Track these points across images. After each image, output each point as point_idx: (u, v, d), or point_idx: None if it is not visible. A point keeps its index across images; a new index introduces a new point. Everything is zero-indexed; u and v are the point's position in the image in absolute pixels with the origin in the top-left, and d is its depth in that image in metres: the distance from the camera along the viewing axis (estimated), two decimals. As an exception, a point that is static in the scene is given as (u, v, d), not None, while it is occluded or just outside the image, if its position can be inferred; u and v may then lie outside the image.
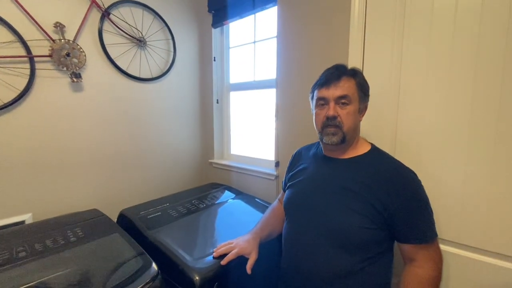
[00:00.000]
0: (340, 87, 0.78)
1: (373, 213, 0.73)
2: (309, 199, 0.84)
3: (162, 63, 1.76)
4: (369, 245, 0.74)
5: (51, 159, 1.33)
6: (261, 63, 1.75)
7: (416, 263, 0.74)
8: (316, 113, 0.85)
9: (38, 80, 1.27)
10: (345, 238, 0.74)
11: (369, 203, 0.73)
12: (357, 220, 0.73)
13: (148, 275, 0.85)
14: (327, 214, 0.78)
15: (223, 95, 1.99)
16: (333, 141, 0.80)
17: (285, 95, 1.49)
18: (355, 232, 0.73)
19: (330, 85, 0.79)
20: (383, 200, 0.73)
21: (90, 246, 1.00)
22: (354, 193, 0.76)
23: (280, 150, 1.56)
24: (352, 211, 0.74)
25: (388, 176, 0.75)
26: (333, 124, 0.79)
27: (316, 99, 0.84)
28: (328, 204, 0.79)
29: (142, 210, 1.31)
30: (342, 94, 0.78)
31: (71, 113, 1.38)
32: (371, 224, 0.73)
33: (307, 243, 0.80)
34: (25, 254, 0.91)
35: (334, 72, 0.81)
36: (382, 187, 0.74)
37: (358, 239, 0.73)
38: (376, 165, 0.79)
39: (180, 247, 1.02)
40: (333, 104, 0.78)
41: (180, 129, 1.91)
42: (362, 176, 0.77)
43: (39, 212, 1.30)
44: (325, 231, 0.77)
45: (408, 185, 0.74)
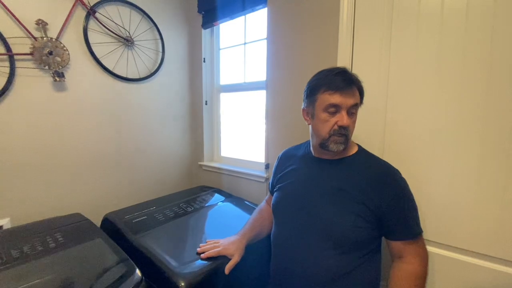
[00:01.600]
0: (352, 96, 0.76)
1: (366, 212, 0.74)
2: (300, 201, 0.83)
3: (150, 63, 1.72)
4: (363, 244, 0.76)
5: (31, 160, 1.28)
6: (252, 65, 1.73)
7: (404, 259, 0.77)
8: (323, 118, 0.78)
9: (18, 79, 1.22)
10: (340, 238, 0.75)
11: (361, 202, 0.74)
12: (352, 220, 0.74)
13: (131, 282, 0.82)
14: (321, 215, 0.78)
15: (213, 96, 1.97)
16: (340, 149, 0.79)
17: (275, 97, 1.49)
18: (350, 232, 0.74)
19: (344, 92, 0.74)
20: (375, 199, 0.74)
21: (71, 252, 0.96)
22: (347, 193, 0.76)
23: (270, 152, 1.54)
24: (346, 211, 0.75)
25: (378, 176, 0.77)
26: (343, 133, 0.77)
27: (326, 104, 0.76)
28: (322, 205, 0.79)
29: (127, 214, 1.26)
30: (354, 103, 0.76)
31: (53, 113, 1.33)
32: (365, 223, 0.74)
33: (301, 246, 0.80)
34: (0, 262, 0.86)
35: (346, 78, 0.75)
36: (373, 186, 0.75)
37: (353, 239, 0.74)
38: (366, 165, 0.81)
39: (166, 252, 0.99)
40: (345, 112, 0.76)
41: (169, 131, 1.88)
42: (354, 176, 0.78)
43: (18, 216, 1.24)
44: (320, 233, 0.77)
45: (397, 183, 0.77)
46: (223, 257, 0.95)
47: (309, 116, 0.86)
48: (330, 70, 0.80)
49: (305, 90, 0.86)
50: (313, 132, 0.86)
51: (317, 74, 0.83)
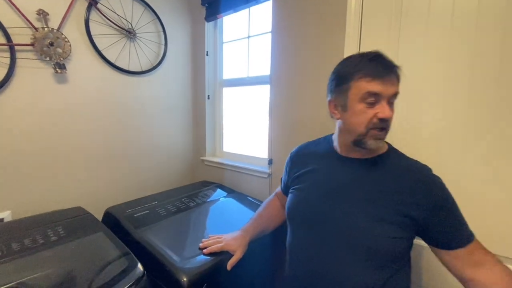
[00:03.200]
0: (394, 84, 0.65)
1: (405, 220, 0.64)
2: (326, 206, 0.72)
3: (152, 56, 1.70)
4: (399, 256, 0.66)
5: (32, 153, 1.26)
6: (255, 59, 1.71)
7: (484, 265, 0.62)
8: (360, 110, 0.66)
9: (19, 70, 1.20)
10: (376, 251, 0.64)
11: (402, 210, 0.64)
12: (387, 230, 0.64)
13: (133, 276, 0.81)
14: (354, 224, 0.67)
15: (216, 91, 1.94)
16: (379, 146, 0.68)
17: (279, 92, 1.46)
18: (390, 244, 0.64)
19: (385, 79, 0.63)
20: (419, 207, 0.63)
21: (72, 245, 0.95)
22: (384, 199, 0.66)
23: (274, 147, 1.52)
24: (381, 220, 0.64)
25: (421, 180, 0.66)
26: (383, 127, 0.66)
27: (363, 93, 0.64)
28: (354, 212, 0.68)
29: (129, 208, 1.25)
30: (396, 91, 0.65)
31: (54, 105, 1.31)
32: (405, 233, 0.64)
33: (325, 258, 0.69)
34: (0, 254, 0.85)
35: (386, 63, 0.65)
36: (416, 192, 0.64)
37: (391, 252, 0.64)
38: (403, 167, 0.69)
39: (168, 246, 0.98)
40: (386, 103, 0.64)
41: (171, 125, 1.86)
42: (391, 179, 0.68)
43: (19, 209, 1.24)
44: (351, 245, 0.66)
45: (441, 188, 0.66)
46: (226, 252, 0.94)
47: (338, 108, 0.72)
48: (363, 54, 0.67)
49: (332, 78, 0.73)
50: (344, 127, 0.72)
51: (346, 60, 0.71)
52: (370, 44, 1.11)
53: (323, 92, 1.27)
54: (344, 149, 0.76)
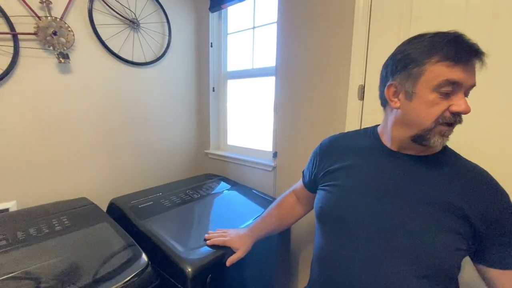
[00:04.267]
0: (474, 72, 0.54)
1: (467, 230, 0.55)
2: (372, 207, 0.61)
3: (156, 47, 1.68)
4: (455, 270, 0.57)
5: (36, 144, 1.26)
6: (260, 50, 1.68)
7: None
8: (431, 100, 0.55)
9: (23, 60, 1.19)
10: (436, 264, 0.55)
11: (461, 214, 0.55)
12: (453, 240, 0.54)
13: (137, 266, 0.81)
14: (410, 231, 0.56)
15: (220, 83, 1.92)
16: (444, 144, 0.60)
17: (284, 83, 1.44)
18: (450, 256, 0.54)
19: (468, 65, 0.52)
20: (481, 215, 0.55)
21: (76, 235, 0.95)
22: (441, 202, 0.56)
23: (278, 140, 1.51)
24: (446, 228, 0.55)
25: (483, 186, 0.57)
26: (455, 123, 0.56)
27: (441, 81, 0.53)
28: (408, 218, 0.57)
29: (133, 199, 1.25)
30: (475, 82, 0.55)
31: (58, 95, 1.30)
32: (464, 244, 0.55)
33: (369, 265, 0.59)
34: (6, 243, 0.85)
35: (471, 46, 0.52)
36: (479, 198, 0.55)
37: (450, 265, 0.55)
38: (462, 168, 0.60)
39: (172, 237, 0.98)
40: (463, 95, 0.54)
41: (175, 117, 1.85)
42: (447, 179, 0.58)
43: (24, 199, 1.24)
44: (408, 255, 0.56)
45: (504, 194, 0.57)
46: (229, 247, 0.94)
47: (399, 95, 0.60)
48: (439, 34, 0.55)
49: (399, 58, 0.60)
50: (403, 118, 0.61)
51: (419, 38, 0.57)
52: (379, 33, 1.08)
53: (330, 83, 1.25)
54: (397, 144, 0.65)
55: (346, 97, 1.19)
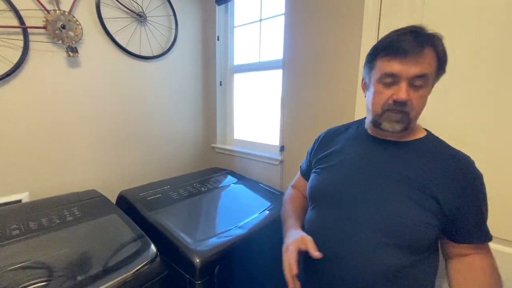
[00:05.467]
0: (420, 63, 0.58)
1: (438, 208, 0.60)
2: (354, 185, 0.68)
3: (163, 41, 1.68)
4: (424, 244, 0.62)
5: (46, 136, 1.28)
6: (267, 43, 1.66)
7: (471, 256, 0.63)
8: (377, 90, 0.63)
9: (33, 53, 1.20)
10: (404, 235, 0.60)
11: (434, 196, 0.60)
12: (420, 215, 0.60)
13: (146, 256, 0.82)
14: (382, 205, 0.63)
15: (227, 77, 1.91)
16: (396, 129, 0.63)
17: (292, 76, 1.42)
18: (422, 230, 0.60)
19: (406, 58, 0.58)
20: (452, 196, 0.60)
21: (87, 226, 0.96)
22: (418, 183, 0.61)
23: (286, 134, 1.49)
24: (414, 203, 0.60)
25: (458, 168, 0.61)
26: (400, 110, 0.61)
27: (381, 73, 0.61)
28: (383, 193, 0.64)
29: (142, 192, 1.27)
30: (421, 73, 0.58)
31: (67, 89, 1.31)
32: (435, 220, 0.60)
33: (351, 237, 0.65)
34: (18, 232, 0.88)
35: (412, 38, 0.57)
36: (452, 180, 0.60)
37: (419, 237, 0.60)
38: (439, 153, 0.64)
39: (181, 229, 0.98)
40: (406, 84, 0.59)
41: (182, 112, 1.85)
42: (425, 164, 0.63)
43: (36, 191, 1.26)
44: (378, 225, 0.62)
45: (479, 180, 0.62)
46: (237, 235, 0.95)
47: (365, 87, 0.71)
48: (395, 30, 0.62)
49: (367, 54, 0.69)
50: (367, 107, 0.71)
51: (385, 35, 0.65)
52: (390, 24, 1.05)
53: (339, 76, 1.23)
54: (371, 129, 0.73)
55: (355, 90, 1.17)
